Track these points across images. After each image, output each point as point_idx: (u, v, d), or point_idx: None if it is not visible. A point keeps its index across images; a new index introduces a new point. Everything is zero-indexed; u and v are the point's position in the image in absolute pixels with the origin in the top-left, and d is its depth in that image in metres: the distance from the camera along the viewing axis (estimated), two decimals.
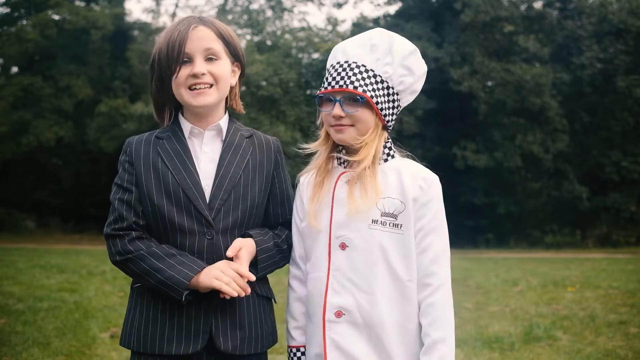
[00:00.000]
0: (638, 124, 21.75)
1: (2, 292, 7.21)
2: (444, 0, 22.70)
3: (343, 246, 1.62)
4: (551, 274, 10.45)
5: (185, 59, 1.66)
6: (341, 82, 1.59)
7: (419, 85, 1.70)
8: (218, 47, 1.69)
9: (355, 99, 1.59)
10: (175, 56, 1.64)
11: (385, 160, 1.67)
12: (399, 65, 1.63)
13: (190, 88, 1.68)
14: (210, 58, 1.68)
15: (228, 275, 1.58)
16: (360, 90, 1.58)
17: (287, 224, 1.81)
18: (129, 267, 1.66)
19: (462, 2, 21.22)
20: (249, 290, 1.62)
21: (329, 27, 25.99)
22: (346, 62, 1.62)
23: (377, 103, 1.61)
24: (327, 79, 1.66)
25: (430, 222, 1.62)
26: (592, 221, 22.55)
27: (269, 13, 26.05)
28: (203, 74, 1.66)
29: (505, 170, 21.35)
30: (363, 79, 1.59)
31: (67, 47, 23.53)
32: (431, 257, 1.61)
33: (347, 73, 1.60)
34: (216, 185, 1.68)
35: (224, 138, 1.74)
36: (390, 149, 1.69)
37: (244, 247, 1.65)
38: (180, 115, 1.76)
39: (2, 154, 22.15)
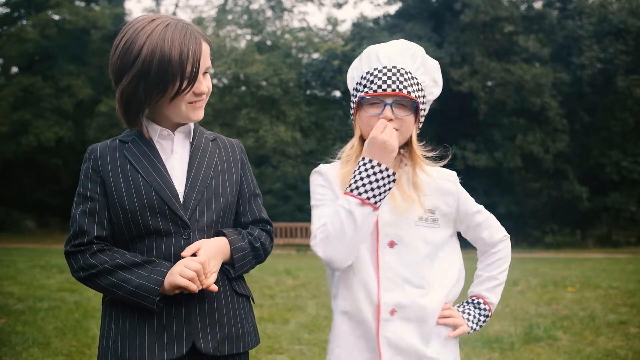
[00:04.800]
0: (638, 124, 21.77)
1: (2, 292, 7.21)
2: (444, 0, 22.70)
3: (392, 244, 1.65)
4: (551, 274, 10.46)
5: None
6: (393, 87, 1.62)
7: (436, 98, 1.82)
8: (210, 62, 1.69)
9: (404, 105, 1.64)
10: (189, 74, 1.58)
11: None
12: (430, 78, 1.73)
13: (189, 102, 1.65)
14: (204, 72, 1.67)
15: (191, 268, 1.55)
16: (413, 95, 1.64)
17: (257, 222, 1.79)
18: (95, 282, 1.60)
19: (462, 2, 21.23)
20: (215, 287, 1.59)
21: (329, 27, 26.02)
22: (394, 67, 1.66)
23: (422, 109, 1.70)
24: (372, 82, 1.66)
25: (473, 205, 1.78)
26: (592, 221, 22.57)
27: (269, 13, 26.06)
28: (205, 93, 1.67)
29: (505, 170, 21.38)
30: (412, 85, 1.65)
31: (67, 47, 23.55)
32: (496, 227, 1.81)
33: (398, 78, 1.64)
34: (189, 186, 1.65)
35: (191, 140, 1.72)
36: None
37: (202, 247, 1.61)
38: (145, 119, 1.69)
39: (2, 154, 22.16)
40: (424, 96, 1.70)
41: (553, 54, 21.93)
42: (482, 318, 1.77)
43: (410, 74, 1.67)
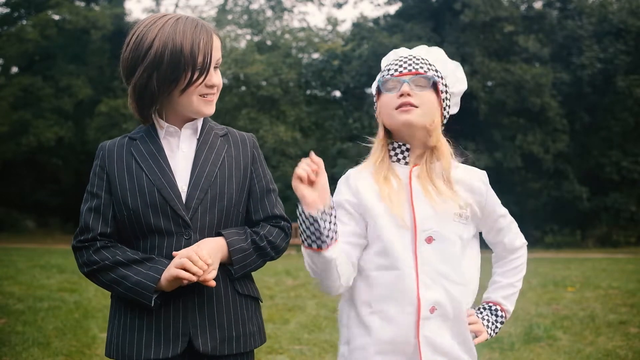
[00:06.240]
0: (638, 124, 21.76)
1: (2, 292, 7.22)
2: (444, 0, 22.71)
3: (430, 240, 1.62)
4: (551, 274, 10.46)
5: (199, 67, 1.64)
6: (410, 68, 1.68)
7: (459, 99, 1.80)
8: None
9: (422, 85, 1.67)
10: (200, 64, 1.60)
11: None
12: (451, 74, 1.75)
13: (201, 96, 1.65)
14: (215, 67, 1.68)
15: (189, 258, 1.54)
16: (429, 74, 1.67)
17: (269, 219, 1.77)
18: (97, 277, 1.64)
19: (462, 2, 21.23)
20: (213, 282, 1.58)
21: (329, 27, 26.03)
22: (411, 55, 1.73)
23: (442, 92, 1.70)
24: (389, 70, 1.71)
25: (499, 208, 1.78)
26: (592, 221, 22.56)
27: (269, 13, 26.07)
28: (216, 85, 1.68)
29: (505, 170, 21.36)
30: (430, 69, 1.69)
31: (67, 47, 23.55)
32: (516, 234, 1.83)
33: (414, 62, 1.69)
34: (192, 184, 1.65)
35: (198, 136, 1.72)
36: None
37: (200, 245, 1.60)
38: (155, 115, 1.70)
39: (2, 154, 22.16)
40: (445, 84, 1.71)
41: (553, 54, 21.93)
42: (498, 325, 1.76)
43: (428, 61, 1.71)
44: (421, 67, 1.67)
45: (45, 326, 5.31)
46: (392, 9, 25.80)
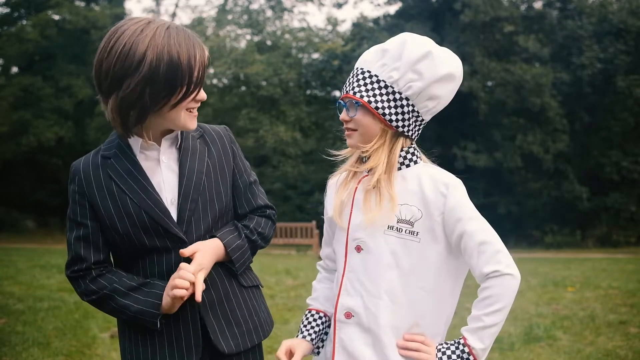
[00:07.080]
0: (638, 124, 21.76)
1: (2, 292, 7.22)
2: (444, 0, 22.71)
3: (358, 249, 1.63)
4: (551, 274, 10.46)
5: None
6: (347, 88, 1.65)
7: (436, 90, 1.65)
8: None
9: (354, 104, 1.62)
10: (196, 78, 1.54)
11: (408, 166, 1.65)
12: (409, 70, 1.62)
13: (187, 109, 1.60)
14: None
15: (183, 277, 1.53)
16: (357, 95, 1.61)
17: (254, 211, 1.77)
18: (99, 305, 1.63)
19: (462, 2, 21.23)
20: (199, 299, 1.58)
21: (329, 27, 26.01)
22: (356, 68, 1.69)
23: (376, 108, 1.59)
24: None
25: (465, 224, 1.55)
26: (592, 221, 22.56)
27: (269, 13, 26.04)
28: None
29: (505, 170, 21.37)
30: (365, 84, 1.62)
31: (67, 47, 23.54)
32: (489, 258, 1.54)
33: (353, 79, 1.66)
34: (182, 196, 1.61)
35: (178, 145, 1.66)
36: (412, 154, 1.67)
37: (199, 251, 1.58)
38: (141, 129, 1.63)
39: (2, 154, 22.15)
40: (392, 92, 1.60)
41: (553, 54, 21.93)
42: None
43: (369, 72, 1.63)
44: (353, 89, 1.61)
45: (45, 326, 5.31)
46: (392, 9, 25.83)
